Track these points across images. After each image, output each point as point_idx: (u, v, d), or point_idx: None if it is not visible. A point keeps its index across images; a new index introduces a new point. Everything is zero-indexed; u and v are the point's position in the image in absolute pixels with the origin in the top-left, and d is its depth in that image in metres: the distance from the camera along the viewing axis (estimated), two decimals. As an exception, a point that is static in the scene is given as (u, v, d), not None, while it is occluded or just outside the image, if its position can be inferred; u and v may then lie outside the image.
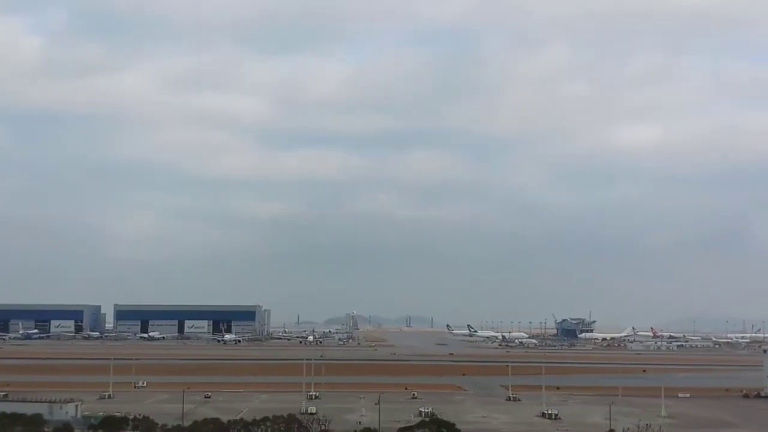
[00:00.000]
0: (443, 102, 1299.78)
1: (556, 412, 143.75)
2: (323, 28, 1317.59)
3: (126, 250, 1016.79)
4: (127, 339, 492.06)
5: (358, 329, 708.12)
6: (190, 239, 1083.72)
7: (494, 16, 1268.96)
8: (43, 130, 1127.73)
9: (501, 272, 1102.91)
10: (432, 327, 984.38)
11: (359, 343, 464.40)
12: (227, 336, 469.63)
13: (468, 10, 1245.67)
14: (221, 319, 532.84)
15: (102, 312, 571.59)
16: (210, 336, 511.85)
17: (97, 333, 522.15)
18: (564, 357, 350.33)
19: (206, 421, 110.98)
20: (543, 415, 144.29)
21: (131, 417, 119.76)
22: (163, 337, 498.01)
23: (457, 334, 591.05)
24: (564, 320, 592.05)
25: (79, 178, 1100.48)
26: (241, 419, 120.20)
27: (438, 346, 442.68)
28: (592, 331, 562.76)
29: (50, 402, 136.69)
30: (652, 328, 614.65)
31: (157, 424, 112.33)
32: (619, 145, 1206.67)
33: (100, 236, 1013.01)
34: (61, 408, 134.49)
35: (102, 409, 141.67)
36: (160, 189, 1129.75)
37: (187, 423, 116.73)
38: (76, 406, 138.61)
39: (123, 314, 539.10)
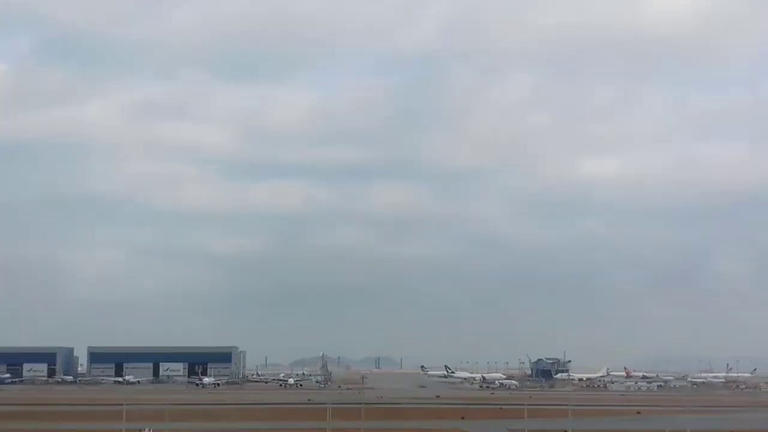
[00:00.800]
0: (408, 132, 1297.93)
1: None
2: (288, 56, 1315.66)
3: (91, 289, 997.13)
4: (101, 383, 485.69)
5: (329, 371, 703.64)
6: (155, 277, 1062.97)
7: (459, 46, 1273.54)
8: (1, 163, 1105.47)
9: (468, 311, 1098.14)
10: (401, 368, 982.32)
11: (339, 386, 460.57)
12: (206, 379, 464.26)
13: (433, 39, 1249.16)
14: (197, 361, 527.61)
15: (74, 355, 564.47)
16: (185, 379, 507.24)
17: (71, 377, 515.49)
18: (551, 399, 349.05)
19: None
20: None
21: None
22: (138, 381, 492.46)
23: (433, 376, 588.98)
24: (539, 360, 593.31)
25: (39, 214, 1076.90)
26: None
27: (420, 389, 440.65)
28: (567, 371, 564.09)
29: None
30: (625, 368, 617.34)
31: None
32: (581, 176, 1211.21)
33: (64, 275, 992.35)
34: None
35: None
36: (124, 224, 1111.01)
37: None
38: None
39: (97, 357, 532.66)
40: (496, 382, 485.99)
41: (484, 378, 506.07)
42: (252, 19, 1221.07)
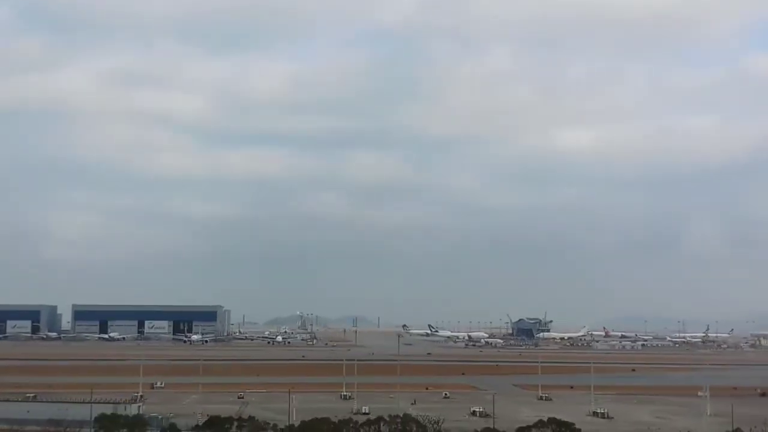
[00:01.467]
0: (388, 103, 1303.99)
1: (605, 411, 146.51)
2: (268, 27, 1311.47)
3: (72, 251, 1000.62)
4: (86, 339, 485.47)
5: (307, 330, 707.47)
6: (135, 239, 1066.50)
7: (439, 19, 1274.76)
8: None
9: (445, 273, 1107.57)
10: (379, 327, 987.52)
11: (326, 344, 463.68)
12: (194, 336, 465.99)
13: (413, 12, 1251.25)
14: (182, 319, 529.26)
15: (58, 313, 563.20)
16: (170, 336, 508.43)
17: (55, 333, 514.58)
18: (541, 356, 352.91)
19: (318, 420, 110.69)
20: (594, 414, 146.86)
21: (236, 417, 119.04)
22: (123, 338, 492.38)
23: (415, 334, 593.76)
24: (520, 320, 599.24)
25: (18, 177, 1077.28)
26: (350, 419, 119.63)
27: (408, 346, 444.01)
28: (549, 330, 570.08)
29: (114, 402, 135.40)
30: (604, 328, 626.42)
31: (268, 424, 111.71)
32: (559, 147, 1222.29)
33: (47, 237, 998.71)
34: (125, 408, 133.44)
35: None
36: (104, 188, 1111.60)
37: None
38: (139, 406, 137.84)
39: (81, 314, 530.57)
40: (482, 340, 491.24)
41: (469, 336, 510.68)
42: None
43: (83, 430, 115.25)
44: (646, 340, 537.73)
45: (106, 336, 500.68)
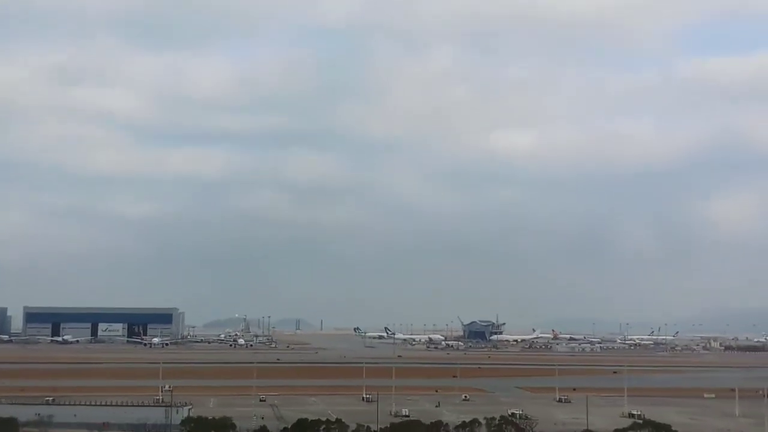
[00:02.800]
0: (330, 103, 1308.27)
1: (641, 413, 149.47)
2: (209, 25, 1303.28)
3: (11, 251, 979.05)
4: (38, 342, 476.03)
5: (250, 332, 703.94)
6: (70, 239, 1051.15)
7: (382, 19, 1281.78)
8: None
9: (385, 275, 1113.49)
10: (322, 330, 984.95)
11: (288, 347, 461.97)
12: (155, 339, 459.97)
13: (357, 12, 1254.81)
14: (137, 322, 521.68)
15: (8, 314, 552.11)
16: (124, 339, 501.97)
17: (6, 336, 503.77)
18: (512, 359, 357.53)
19: (409, 423, 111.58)
20: (629, 415, 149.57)
21: (324, 419, 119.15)
22: (77, 341, 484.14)
23: (367, 337, 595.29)
24: (472, 323, 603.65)
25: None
26: (439, 421, 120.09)
27: (371, 349, 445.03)
28: (501, 333, 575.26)
29: (166, 405, 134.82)
30: (553, 330, 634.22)
31: (363, 426, 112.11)
32: (497, 148, 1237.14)
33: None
34: (177, 412, 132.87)
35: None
36: (38, 187, 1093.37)
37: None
38: (189, 409, 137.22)
39: (33, 317, 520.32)
40: (442, 342, 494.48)
41: (430, 339, 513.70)
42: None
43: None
44: (594, 343, 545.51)
45: (59, 339, 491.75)
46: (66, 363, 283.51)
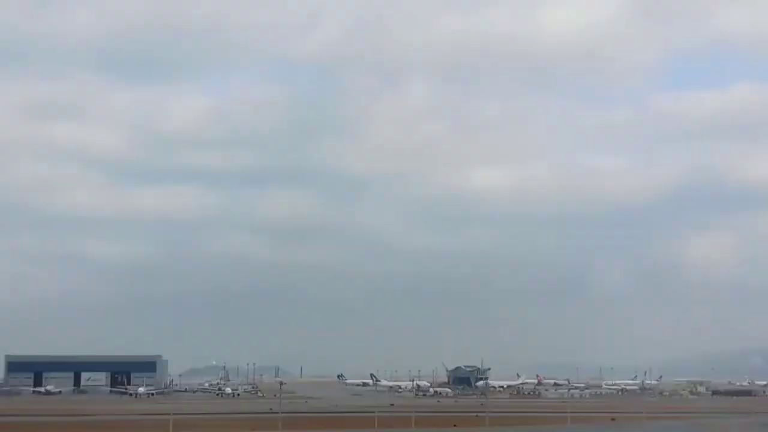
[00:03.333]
0: (305, 139, 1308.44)
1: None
2: (184, 60, 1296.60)
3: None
4: (20, 394, 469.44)
5: (230, 380, 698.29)
6: (45, 283, 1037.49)
7: (358, 54, 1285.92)
8: None
9: (363, 317, 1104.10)
10: (301, 377, 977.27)
11: (275, 395, 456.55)
12: (140, 389, 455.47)
13: (332, 47, 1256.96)
14: (120, 371, 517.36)
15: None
16: (108, 389, 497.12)
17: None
18: (505, 407, 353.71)
19: None
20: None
21: None
22: (60, 391, 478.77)
23: (351, 384, 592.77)
24: (457, 368, 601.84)
25: None
26: None
27: (358, 397, 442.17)
28: (487, 378, 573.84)
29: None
30: (537, 375, 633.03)
31: None
32: (474, 186, 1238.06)
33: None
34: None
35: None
36: (10, 230, 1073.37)
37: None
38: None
39: (15, 366, 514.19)
40: (430, 390, 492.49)
41: (418, 386, 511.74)
42: (148, 21, 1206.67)
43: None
44: (581, 389, 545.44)
45: (42, 389, 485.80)
46: (74, 415, 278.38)
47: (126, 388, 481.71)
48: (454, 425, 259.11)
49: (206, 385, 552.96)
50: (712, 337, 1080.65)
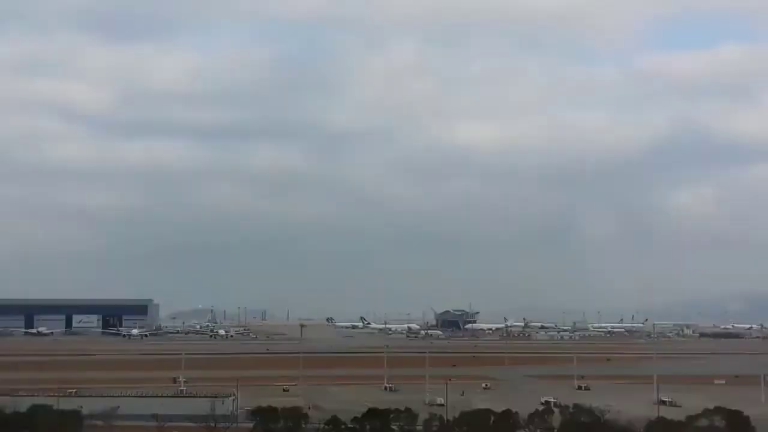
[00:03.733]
0: (292, 95, 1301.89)
1: (672, 399, 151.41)
2: (171, 18, 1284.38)
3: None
4: (12, 334, 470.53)
5: (217, 323, 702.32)
6: (26, 231, 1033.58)
7: (344, 13, 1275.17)
8: None
9: (350, 266, 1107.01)
10: (288, 320, 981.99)
11: (268, 337, 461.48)
12: (134, 331, 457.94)
13: (320, 6, 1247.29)
14: (112, 314, 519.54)
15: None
16: (99, 331, 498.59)
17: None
18: (498, 347, 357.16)
19: (478, 412, 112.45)
20: (663, 402, 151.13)
21: (393, 408, 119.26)
22: (51, 333, 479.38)
23: (341, 326, 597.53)
24: (446, 312, 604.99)
25: None
26: (508, 410, 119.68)
27: (349, 339, 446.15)
28: (476, 322, 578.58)
29: (212, 397, 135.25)
30: (524, 319, 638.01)
31: (436, 415, 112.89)
32: (460, 140, 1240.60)
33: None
34: (222, 403, 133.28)
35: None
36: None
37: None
38: (233, 400, 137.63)
39: (5, 309, 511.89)
40: (421, 332, 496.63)
41: (409, 328, 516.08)
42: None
43: (232, 424, 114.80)
44: (568, 330, 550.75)
45: (33, 331, 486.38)
46: (65, 355, 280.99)
47: (118, 330, 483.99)
48: (453, 365, 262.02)
49: (197, 327, 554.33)
50: (693, 283, 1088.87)
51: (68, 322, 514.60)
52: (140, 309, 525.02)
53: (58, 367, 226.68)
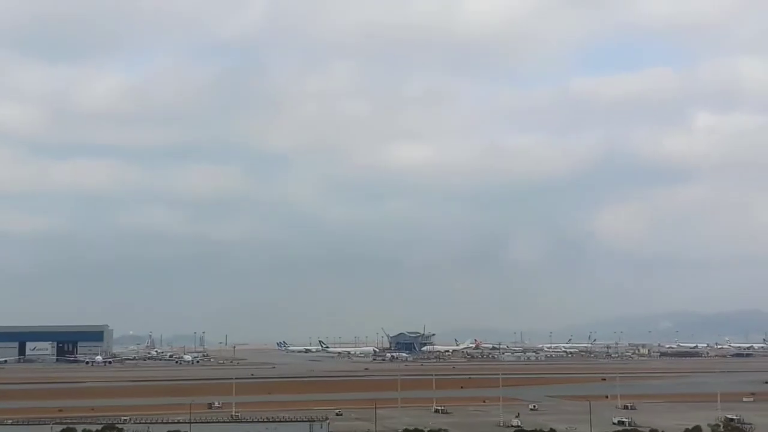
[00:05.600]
0: (228, 115, 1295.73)
1: (738, 416, 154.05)
2: (106, 38, 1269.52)
3: None
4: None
5: (155, 348, 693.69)
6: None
7: (282, 35, 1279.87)
8: None
9: (285, 288, 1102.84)
10: (226, 345, 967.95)
11: (231, 362, 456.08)
12: (98, 357, 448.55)
13: (255, 27, 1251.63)
14: (67, 340, 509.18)
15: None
16: (54, 358, 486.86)
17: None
18: (480, 369, 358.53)
19: None
20: (731, 420, 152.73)
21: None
22: (5, 361, 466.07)
23: (293, 351, 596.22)
24: (400, 334, 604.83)
25: None
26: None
27: (317, 362, 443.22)
28: (432, 344, 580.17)
29: (310, 421, 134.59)
30: (476, 340, 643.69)
31: None
32: (393, 162, 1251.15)
33: None
34: (321, 426, 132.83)
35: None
36: None
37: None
38: (327, 423, 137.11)
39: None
40: (387, 354, 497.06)
41: (375, 351, 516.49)
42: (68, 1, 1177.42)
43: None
44: (527, 351, 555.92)
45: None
46: (63, 383, 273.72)
47: (75, 357, 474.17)
48: (461, 387, 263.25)
49: (153, 353, 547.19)
50: (621, 302, 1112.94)
51: (21, 350, 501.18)
52: (96, 335, 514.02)
53: (74, 395, 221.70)
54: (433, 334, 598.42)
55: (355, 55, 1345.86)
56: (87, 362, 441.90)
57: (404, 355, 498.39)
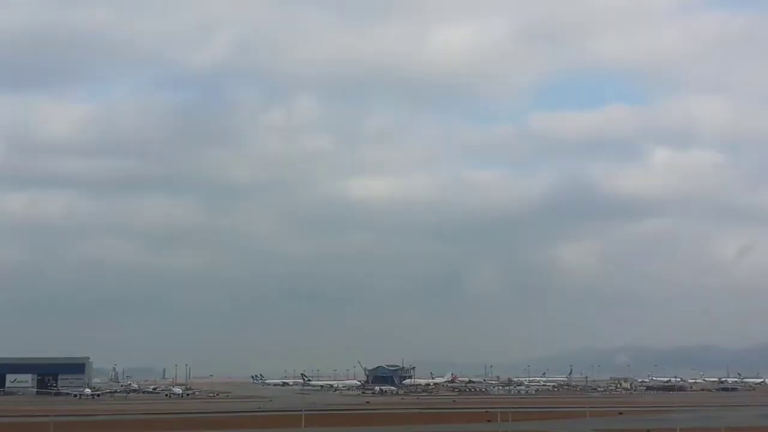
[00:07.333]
0: (187, 147, 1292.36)
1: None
2: (66, 68, 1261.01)
3: None
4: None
5: (118, 382, 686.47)
6: None
7: (246, 68, 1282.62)
8: None
9: (240, 322, 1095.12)
10: (190, 378, 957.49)
11: (217, 394, 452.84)
12: (87, 390, 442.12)
13: (219, 60, 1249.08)
14: (48, 372, 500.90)
15: None
16: (34, 391, 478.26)
17: None
18: (483, 403, 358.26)
19: None
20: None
21: None
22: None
23: (269, 383, 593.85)
24: (378, 367, 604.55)
25: None
26: None
27: (303, 395, 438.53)
28: (412, 377, 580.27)
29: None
30: (452, 374, 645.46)
31: None
32: (354, 195, 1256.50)
33: None
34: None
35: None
36: None
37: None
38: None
39: None
40: (376, 388, 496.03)
41: (361, 384, 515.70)
42: (29, 28, 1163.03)
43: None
44: (494, 385, 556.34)
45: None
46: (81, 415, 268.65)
47: (58, 390, 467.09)
48: (488, 420, 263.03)
49: (135, 386, 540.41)
50: (580, 336, 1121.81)
51: (1, 382, 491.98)
52: (77, 368, 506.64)
53: (115, 427, 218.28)
54: (413, 368, 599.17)
55: (318, 89, 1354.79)
56: (75, 395, 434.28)
57: (392, 388, 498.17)
